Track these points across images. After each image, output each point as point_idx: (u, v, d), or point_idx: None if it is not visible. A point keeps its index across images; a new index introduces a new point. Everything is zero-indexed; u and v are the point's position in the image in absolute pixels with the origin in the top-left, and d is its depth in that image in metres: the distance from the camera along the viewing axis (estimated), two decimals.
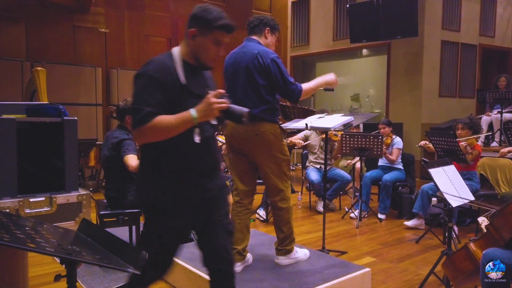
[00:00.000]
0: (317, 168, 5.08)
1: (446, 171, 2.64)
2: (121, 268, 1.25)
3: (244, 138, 2.59)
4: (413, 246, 3.82)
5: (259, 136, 2.56)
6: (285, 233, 2.73)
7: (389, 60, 7.86)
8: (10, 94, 5.89)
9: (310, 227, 4.43)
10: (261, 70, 2.54)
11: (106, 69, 7.36)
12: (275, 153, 2.63)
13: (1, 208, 1.68)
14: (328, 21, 8.85)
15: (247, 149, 2.64)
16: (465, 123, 4.16)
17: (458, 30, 7.78)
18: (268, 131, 2.58)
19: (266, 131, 2.57)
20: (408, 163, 5.04)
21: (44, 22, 6.78)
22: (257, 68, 2.54)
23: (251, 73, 2.55)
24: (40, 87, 3.84)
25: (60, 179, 1.92)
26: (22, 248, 1.13)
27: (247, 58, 2.58)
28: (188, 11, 1.73)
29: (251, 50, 2.60)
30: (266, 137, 2.57)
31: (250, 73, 2.55)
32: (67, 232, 1.52)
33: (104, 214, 3.18)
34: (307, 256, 2.88)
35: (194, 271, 2.64)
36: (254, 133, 2.56)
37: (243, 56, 2.62)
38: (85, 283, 2.79)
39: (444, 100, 7.72)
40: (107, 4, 7.38)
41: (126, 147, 3.11)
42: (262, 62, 2.53)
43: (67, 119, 1.91)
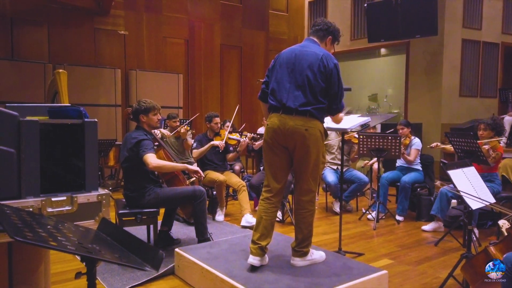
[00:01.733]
0: (334, 169, 5.05)
1: (465, 173, 2.60)
2: (139, 267, 1.28)
3: (293, 132, 2.57)
4: (431, 248, 3.76)
5: (308, 132, 2.57)
6: (304, 235, 2.71)
7: (408, 59, 7.74)
8: (33, 96, 6.07)
9: (326, 228, 4.41)
10: (324, 72, 2.58)
11: (125, 71, 7.49)
12: (318, 153, 2.64)
13: (24, 207, 1.73)
14: (345, 20, 8.78)
15: (292, 144, 2.61)
16: (488, 123, 4.06)
17: (480, 28, 7.61)
18: (317, 128, 2.60)
19: (315, 127, 2.59)
20: (427, 164, 4.96)
21: (65, 25, 6.95)
22: (320, 69, 2.57)
23: (314, 73, 2.57)
24: (61, 88, 3.93)
25: (80, 179, 1.97)
26: (44, 246, 1.16)
27: (311, 58, 2.60)
28: (205, 12, 1.75)
29: (315, 51, 2.64)
30: (314, 133, 2.58)
31: (313, 73, 2.58)
32: (87, 231, 1.56)
33: (122, 213, 3.25)
34: (323, 258, 2.86)
35: (211, 270, 2.67)
36: (304, 128, 2.56)
37: (305, 54, 2.63)
38: (104, 281, 2.85)
39: (465, 100, 7.56)
40: (126, 7, 7.51)
41: (145, 147, 3.17)
42: (326, 65, 2.58)
43: (87, 121, 1.96)
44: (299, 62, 2.63)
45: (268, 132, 2.69)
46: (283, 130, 2.60)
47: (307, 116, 2.58)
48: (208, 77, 8.53)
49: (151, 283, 2.87)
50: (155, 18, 7.83)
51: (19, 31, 6.61)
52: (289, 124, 2.58)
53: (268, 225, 2.68)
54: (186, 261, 2.93)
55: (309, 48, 2.68)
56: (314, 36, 2.79)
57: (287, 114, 2.59)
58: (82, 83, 6.62)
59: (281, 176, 2.72)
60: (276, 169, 2.71)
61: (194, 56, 8.33)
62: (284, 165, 2.71)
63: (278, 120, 2.61)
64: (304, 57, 2.63)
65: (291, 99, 2.59)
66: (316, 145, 2.61)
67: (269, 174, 2.74)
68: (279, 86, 2.66)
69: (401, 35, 7.04)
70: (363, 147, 4.71)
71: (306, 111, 2.57)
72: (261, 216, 2.69)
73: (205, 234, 3.44)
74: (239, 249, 3.07)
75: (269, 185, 2.73)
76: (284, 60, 2.69)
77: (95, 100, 6.84)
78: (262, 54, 9.23)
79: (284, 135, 2.61)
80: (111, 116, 7.03)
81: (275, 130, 2.63)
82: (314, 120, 2.60)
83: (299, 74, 2.61)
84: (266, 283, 2.48)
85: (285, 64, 2.67)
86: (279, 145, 2.65)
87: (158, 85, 7.52)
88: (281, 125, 2.60)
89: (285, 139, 2.62)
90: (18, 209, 1.52)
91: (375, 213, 4.56)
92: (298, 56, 2.65)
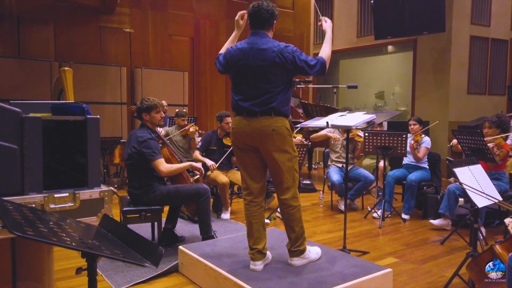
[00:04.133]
0: (339, 167, 5.01)
1: (472, 171, 2.56)
2: (138, 263, 1.28)
3: (260, 134, 2.53)
4: (437, 247, 3.72)
5: (276, 132, 2.51)
6: (297, 233, 2.66)
7: (415, 56, 7.68)
8: (39, 94, 6.11)
9: (331, 226, 4.38)
10: (285, 66, 2.49)
11: (131, 69, 7.52)
12: (288, 149, 2.58)
13: (27, 203, 1.74)
14: (352, 17, 8.73)
15: (261, 145, 2.57)
16: (493, 121, 4.01)
17: (488, 25, 7.51)
18: (283, 125, 2.55)
19: (282, 126, 2.54)
20: (434, 162, 4.90)
21: (71, 23, 6.99)
22: (279, 65, 2.48)
23: (273, 72, 2.49)
24: (67, 86, 3.96)
25: (83, 176, 1.97)
26: (45, 242, 1.16)
27: (266, 57, 2.49)
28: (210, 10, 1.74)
29: (268, 46, 2.51)
30: (282, 132, 2.53)
31: (272, 72, 2.50)
32: (89, 227, 1.56)
33: (127, 210, 3.26)
34: (319, 255, 2.81)
35: (214, 268, 2.66)
36: (271, 128, 2.51)
37: (259, 53, 2.51)
38: (108, 278, 2.86)
39: (473, 98, 7.48)
40: (131, 5, 7.53)
41: (153, 150, 3.18)
42: (284, 59, 2.48)
43: (90, 117, 1.96)
44: (254, 62, 2.51)
45: (234, 135, 2.65)
46: (249, 132, 2.55)
47: (272, 115, 2.52)
48: (214, 75, 8.52)
49: (155, 280, 2.87)
50: (160, 16, 7.84)
51: (25, 29, 6.66)
52: (255, 125, 2.53)
53: (259, 228, 2.66)
54: (189, 259, 2.92)
55: (259, 45, 2.53)
56: (261, 29, 2.59)
57: (251, 116, 2.54)
58: (88, 81, 6.65)
59: (259, 176, 2.68)
60: (251, 169, 2.67)
61: (199, 53, 8.33)
62: (259, 165, 2.67)
63: (243, 123, 2.57)
64: (259, 57, 2.50)
65: (252, 100, 2.53)
66: (285, 143, 2.56)
67: (246, 176, 2.69)
68: (237, 87, 2.61)
69: (408, 32, 6.98)
70: (368, 145, 4.67)
71: (270, 110, 2.51)
72: (250, 221, 2.66)
73: (209, 232, 3.43)
74: (243, 246, 3.05)
75: (248, 187, 2.68)
76: (237, 59, 2.57)
77: (101, 98, 6.87)
78: None
79: (251, 136, 2.57)
80: (117, 114, 7.07)
81: (241, 134, 2.59)
82: (279, 118, 2.54)
83: (256, 73, 2.51)
84: (269, 281, 2.47)
85: (240, 66, 2.56)
86: (249, 146, 2.62)
87: (164, 83, 7.53)
88: (246, 127, 2.56)
89: (252, 141, 2.58)
90: (20, 205, 1.52)
91: (380, 212, 4.52)
92: (252, 56, 2.52)
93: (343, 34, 8.96)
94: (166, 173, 3.24)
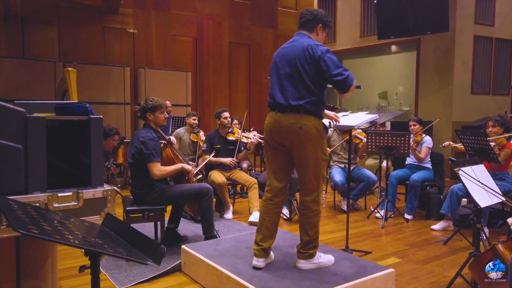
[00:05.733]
0: (342, 167, 5.01)
1: (475, 171, 2.56)
2: (141, 261, 1.29)
3: (287, 131, 2.53)
4: (440, 247, 3.71)
5: (303, 130, 2.50)
6: (310, 237, 2.64)
7: (419, 56, 7.66)
8: (43, 94, 6.15)
9: (334, 227, 4.38)
10: (312, 63, 2.50)
11: (134, 69, 7.55)
12: (316, 151, 2.56)
13: (31, 202, 1.76)
14: (355, 17, 8.72)
15: (289, 142, 2.56)
16: (496, 120, 4.02)
17: (492, 24, 7.48)
18: (312, 125, 2.52)
19: (310, 124, 2.51)
20: (437, 162, 4.89)
21: (75, 23, 7.03)
22: (308, 60, 2.51)
23: (302, 65, 2.52)
24: (70, 86, 3.99)
25: (86, 175, 1.99)
26: (48, 240, 1.18)
27: (297, 51, 2.55)
28: (213, 10, 1.76)
29: (302, 42, 2.58)
30: (309, 131, 2.51)
31: (301, 65, 2.52)
32: (92, 226, 1.58)
33: (130, 210, 3.27)
34: (331, 263, 2.76)
35: (216, 267, 2.67)
36: (298, 126, 2.50)
37: (292, 49, 2.59)
38: (112, 277, 2.87)
39: (476, 98, 7.46)
40: (135, 5, 7.56)
41: (151, 152, 3.19)
42: (312, 54, 2.50)
43: (93, 117, 1.98)
44: (286, 57, 2.59)
45: (265, 131, 2.68)
46: (278, 128, 2.56)
47: (300, 112, 2.51)
48: (217, 75, 8.54)
49: (158, 279, 2.89)
50: (163, 16, 7.87)
51: (29, 30, 6.70)
52: (283, 122, 2.54)
53: (270, 226, 2.66)
54: (192, 258, 2.94)
55: (296, 42, 2.62)
56: (303, 29, 2.70)
57: (281, 113, 2.56)
58: (92, 81, 6.69)
59: (283, 176, 2.68)
60: (276, 168, 2.67)
61: (202, 54, 8.35)
62: (285, 164, 2.67)
63: (274, 119, 2.59)
64: (291, 52, 2.58)
65: (283, 96, 2.56)
66: (313, 143, 2.53)
67: (270, 174, 2.70)
68: (272, 85, 2.65)
69: (411, 31, 6.96)
70: (371, 145, 4.67)
71: (299, 107, 2.50)
72: (263, 217, 2.66)
73: (212, 231, 3.44)
74: (246, 246, 3.06)
75: (270, 185, 2.69)
76: (275, 59, 2.68)
77: (105, 98, 6.90)
78: (271, 52, 9.18)
79: (280, 133, 2.57)
80: (120, 114, 7.10)
81: (271, 129, 2.61)
82: (309, 117, 2.52)
83: (288, 69, 2.56)
84: (271, 280, 2.48)
85: (276, 63, 2.66)
86: (278, 144, 2.62)
87: (167, 83, 7.56)
88: (276, 123, 2.57)
89: (281, 138, 2.58)
90: (24, 204, 1.54)
91: (383, 212, 4.51)
92: (286, 52, 2.62)
93: (346, 34, 8.95)
94: (158, 176, 3.23)
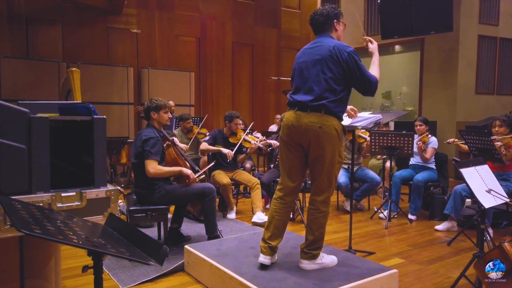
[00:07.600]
0: (345, 168, 5.00)
1: (479, 171, 2.54)
2: (143, 261, 1.29)
3: (306, 129, 2.51)
4: (444, 248, 3.69)
5: (322, 130, 2.49)
6: (315, 237, 2.63)
7: (423, 56, 7.63)
8: (47, 94, 6.18)
9: (337, 227, 4.37)
10: (338, 63, 2.51)
11: (138, 69, 7.56)
12: (333, 152, 2.55)
13: (35, 202, 1.76)
14: (358, 17, 8.69)
15: (306, 142, 2.55)
16: (503, 120, 3.99)
17: (497, 24, 7.44)
18: (332, 125, 2.51)
19: (330, 125, 2.50)
20: (441, 162, 4.87)
21: (79, 24, 7.05)
22: (334, 61, 2.51)
23: (328, 65, 2.52)
24: (74, 87, 4.00)
25: (90, 175, 2.00)
26: (52, 240, 1.18)
27: (323, 51, 2.55)
28: (216, 10, 1.76)
29: (327, 43, 2.58)
30: (329, 131, 2.50)
31: (327, 66, 2.52)
32: (95, 226, 1.58)
33: (133, 209, 3.28)
34: (334, 263, 2.76)
35: (219, 267, 2.67)
36: (318, 125, 2.49)
37: (318, 49, 2.58)
38: (115, 277, 2.88)
39: (481, 97, 7.42)
40: (138, 6, 7.58)
41: (150, 149, 3.18)
42: (339, 55, 2.51)
43: (96, 117, 1.98)
44: (311, 57, 2.59)
45: (283, 129, 2.65)
46: (297, 127, 2.55)
47: (322, 112, 2.49)
48: (220, 75, 8.55)
49: (161, 279, 2.89)
50: (167, 17, 7.88)
51: (33, 30, 6.73)
52: (303, 121, 2.52)
53: (280, 225, 2.65)
54: (195, 258, 2.94)
55: (321, 43, 2.63)
56: (321, 32, 2.70)
57: (302, 111, 2.54)
58: (95, 81, 6.71)
59: (296, 175, 2.67)
60: (290, 167, 2.66)
61: (205, 54, 8.36)
62: (299, 164, 2.65)
63: (293, 117, 2.57)
64: (317, 52, 2.58)
65: (305, 94, 2.55)
66: (331, 144, 2.52)
67: (283, 173, 2.69)
68: (295, 84, 2.66)
69: (415, 31, 6.94)
70: (375, 145, 4.65)
71: (321, 106, 2.49)
72: (273, 216, 2.65)
73: (214, 231, 3.44)
74: (248, 246, 3.06)
75: (282, 184, 2.68)
76: (299, 58, 2.68)
77: (108, 98, 6.92)
78: (274, 52, 9.20)
79: (298, 132, 2.55)
80: (124, 114, 7.11)
81: (289, 127, 2.59)
82: (329, 117, 2.51)
83: (312, 69, 2.56)
84: (274, 280, 2.47)
85: (300, 63, 2.66)
86: (294, 143, 2.60)
87: (170, 83, 7.57)
88: (295, 122, 2.55)
89: (299, 137, 2.57)
90: (28, 204, 1.54)
91: (387, 212, 4.50)
92: (311, 52, 2.61)
93: (350, 33, 8.91)
94: (152, 174, 3.19)
